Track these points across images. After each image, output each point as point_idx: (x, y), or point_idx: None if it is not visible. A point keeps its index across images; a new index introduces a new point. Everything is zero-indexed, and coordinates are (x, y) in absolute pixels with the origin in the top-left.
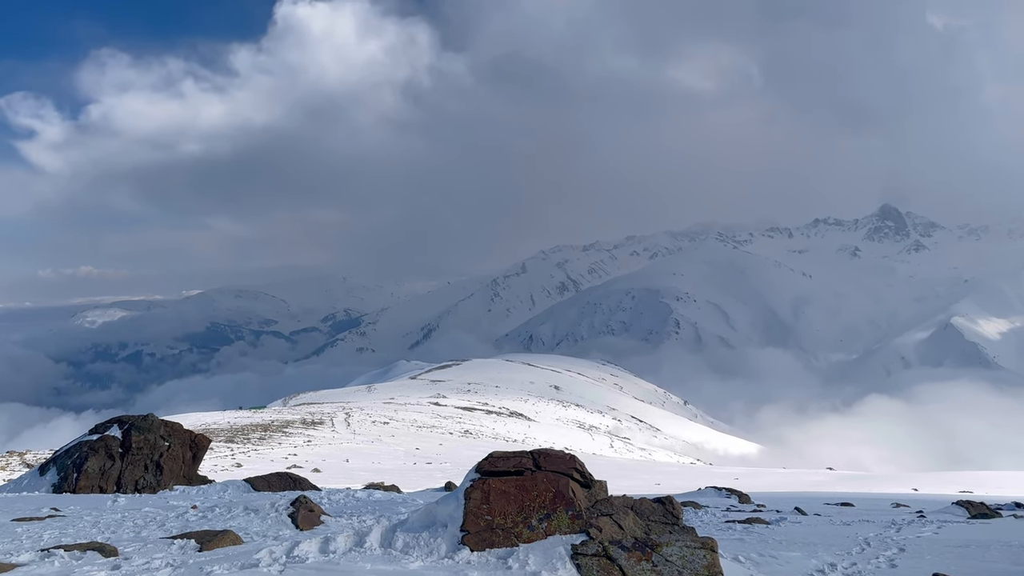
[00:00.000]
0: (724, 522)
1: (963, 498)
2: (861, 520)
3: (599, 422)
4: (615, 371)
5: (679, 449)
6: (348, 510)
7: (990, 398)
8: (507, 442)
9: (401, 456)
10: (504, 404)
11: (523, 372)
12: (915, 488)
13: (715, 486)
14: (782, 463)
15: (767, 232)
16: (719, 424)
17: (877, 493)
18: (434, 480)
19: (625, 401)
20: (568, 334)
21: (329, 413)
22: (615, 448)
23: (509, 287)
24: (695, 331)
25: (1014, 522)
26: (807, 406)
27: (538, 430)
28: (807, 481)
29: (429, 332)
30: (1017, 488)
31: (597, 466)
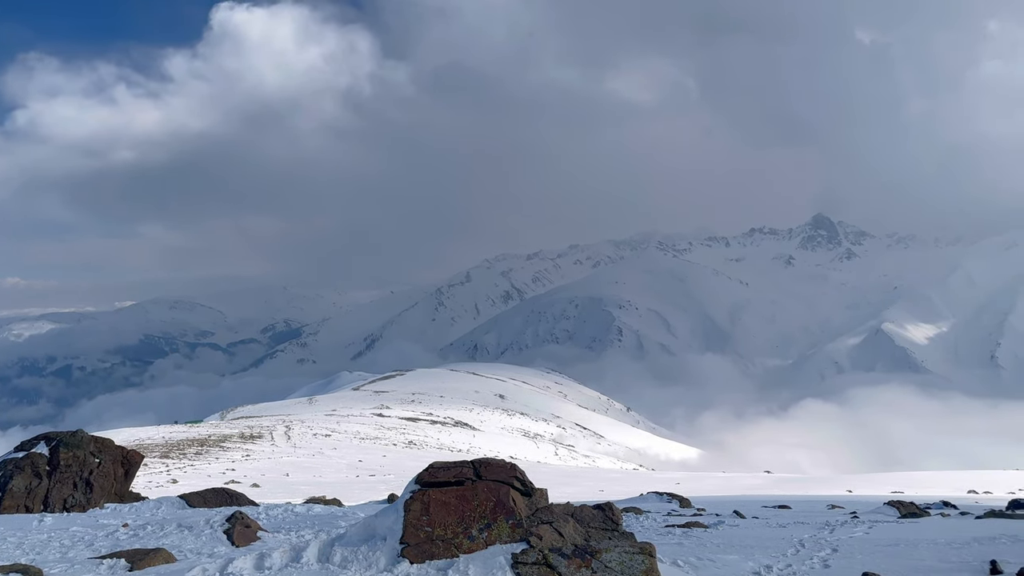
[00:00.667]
0: (664, 527)
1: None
2: (797, 522)
3: (544, 430)
4: (559, 379)
5: (622, 455)
6: (286, 525)
7: (919, 401)
8: (452, 452)
9: (343, 469)
10: (449, 414)
11: (468, 381)
12: (849, 490)
13: (656, 491)
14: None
15: (705, 241)
16: (661, 430)
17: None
18: (377, 492)
19: (569, 409)
20: (513, 343)
21: (268, 426)
22: (560, 456)
23: (453, 296)
24: (637, 338)
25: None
26: (745, 411)
27: (483, 439)
28: (746, 484)
29: (372, 342)
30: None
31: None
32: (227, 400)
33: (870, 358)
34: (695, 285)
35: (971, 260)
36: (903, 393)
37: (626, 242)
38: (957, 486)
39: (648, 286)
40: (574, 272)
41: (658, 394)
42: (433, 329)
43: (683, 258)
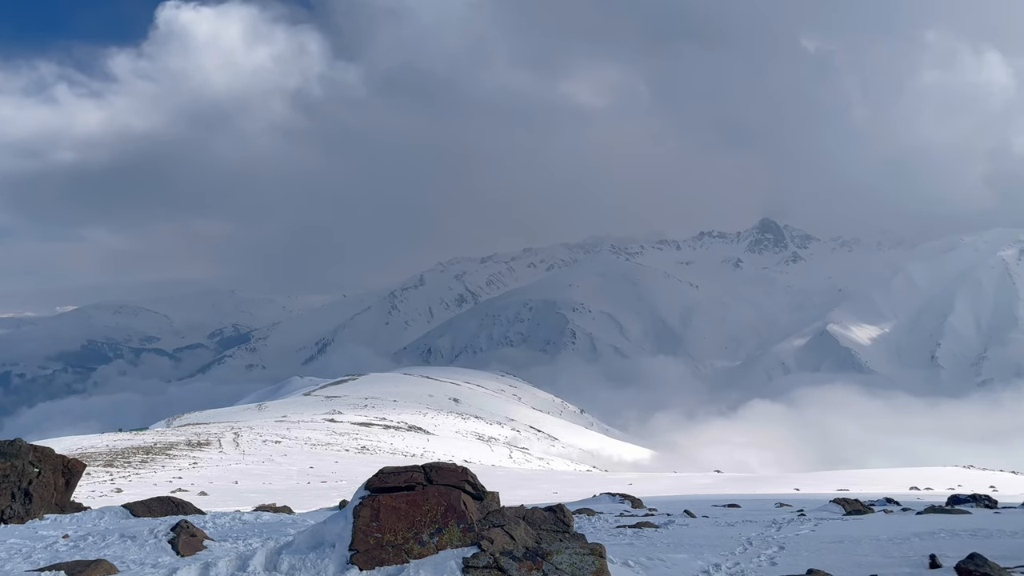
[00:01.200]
0: (616, 527)
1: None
2: (745, 520)
3: (498, 433)
4: (514, 382)
5: (576, 457)
6: (234, 534)
7: (863, 400)
8: (405, 457)
9: (294, 476)
10: (402, 418)
11: (422, 385)
12: (797, 488)
13: (609, 492)
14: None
15: (657, 244)
16: (614, 431)
17: (762, 494)
18: (329, 499)
19: (524, 412)
20: (467, 346)
21: (216, 433)
22: (514, 459)
23: (407, 299)
24: (591, 341)
25: (884, 517)
26: (696, 412)
27: (437, 443)
28: (697, 484)
29: (324, 347)
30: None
31: (496, 477)
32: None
33: (815, 359)
34: (647, 288)
35: (912, 263)
36: (847, 393)
37: (579, 245)
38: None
39: (601, 289)
40: (528, 275)
41: (611, 396)
42: (386, 333)
43: (635, 261)
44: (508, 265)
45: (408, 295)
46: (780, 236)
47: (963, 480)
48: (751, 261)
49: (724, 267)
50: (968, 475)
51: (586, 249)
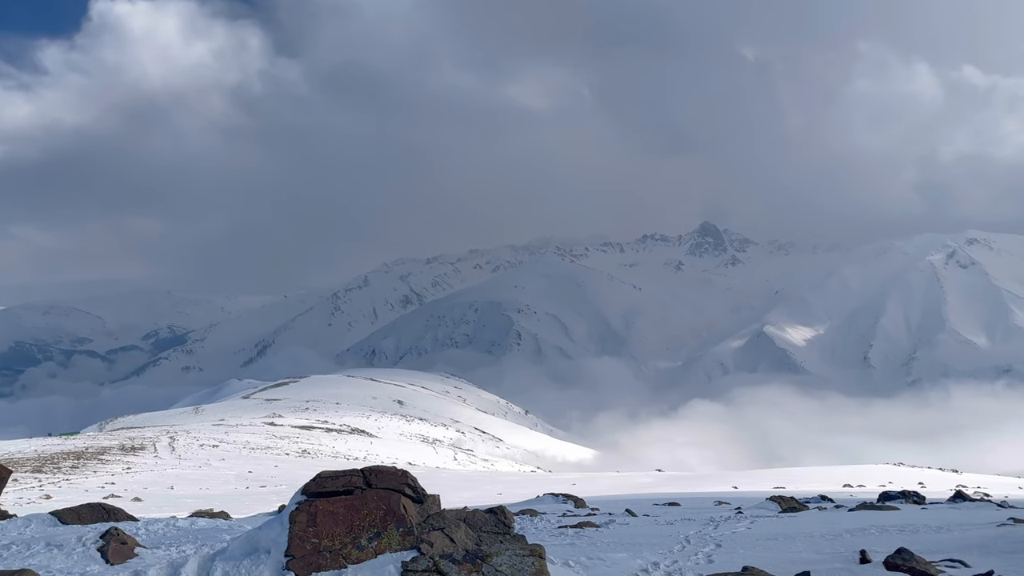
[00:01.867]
0: (557, 527)
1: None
2: (684, 519)
3: (443, 435)
4: (459, 383)
5: (520, 458)
6: (167, 540)
7: (798, 400)
8: (348, 460)
9: (232, 480)
10: (345, 421)
11: (365, 387)
12: (735, 486)
13: (553, 493)
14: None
15: (601, 247)
16: (558, 432)
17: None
18: (268, 504)
19: (468, 413)
20: (412, 347)
21: (151, 437)
22: (458, 460)
23: (350, 300)
24: (536, 342)
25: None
26: (638, 412)
27: (381, 446)
28: (638, 483)
29: (264, 349)
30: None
31: (440, 479)
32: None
33: (753, 359)
34: (591, 290)
35: (846, 266)
36: (783, 393)
37: (525, 247)
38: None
39: (546, 291)
40: (474, 276)
41: (556, 397)
42: (329, 334)
43: (580, 263)
44: (454, 266)
45: (352, 296)
46: (720, 240)
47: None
48: (692, 264)
49: (666, 269)
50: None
51: (531, 251)
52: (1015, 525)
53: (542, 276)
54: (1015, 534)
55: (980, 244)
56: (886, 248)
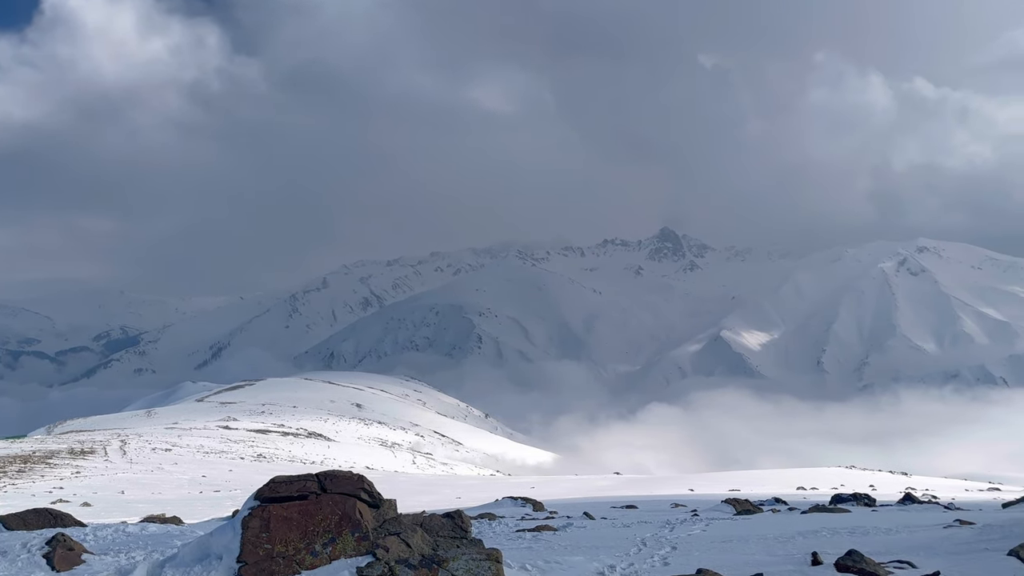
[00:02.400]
0: (515, 531)
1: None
2: (641, 521)
3: (402, 439)
4: (419, 387)
5: (480, 462)
6: (116, 547)
7: (753, 403)
8: (304, 464)
9: (185, 485)
10: (302, 425)
11: (323, 390)
12: (691, 488)
13: (512, 496)
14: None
15: (562, 251)
16: (517, 435)
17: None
18: (222, 509)
19: (428, 416)
20: (371, 350)
21: (102, 441)
22: (417, 464)
23: (309, 302)
24: (496, 346)
25: (771, 516)
26: (597, 415)
27: (338, 450)
28: (597, 486)
29: (219, 351)
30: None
31: (398, 483)
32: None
33: (710, 363)
34: (552, 293)
35: (800, 273)
36: (739, 396)
37: (487, 250)
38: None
39: (508, 294)
40: (435, 279)
41: (516, 400)
42: (286, 337)
43: (541, 267)
44: (415, 269)
45: (310, 298)
46: (679, 245)
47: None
48: (651, 269)
49: (626, 274)
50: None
51: (493, 254)
52: (960, 527)
53: (503, 279)
54: (960, 535)
55: (930, 252)
56: (839, 255)
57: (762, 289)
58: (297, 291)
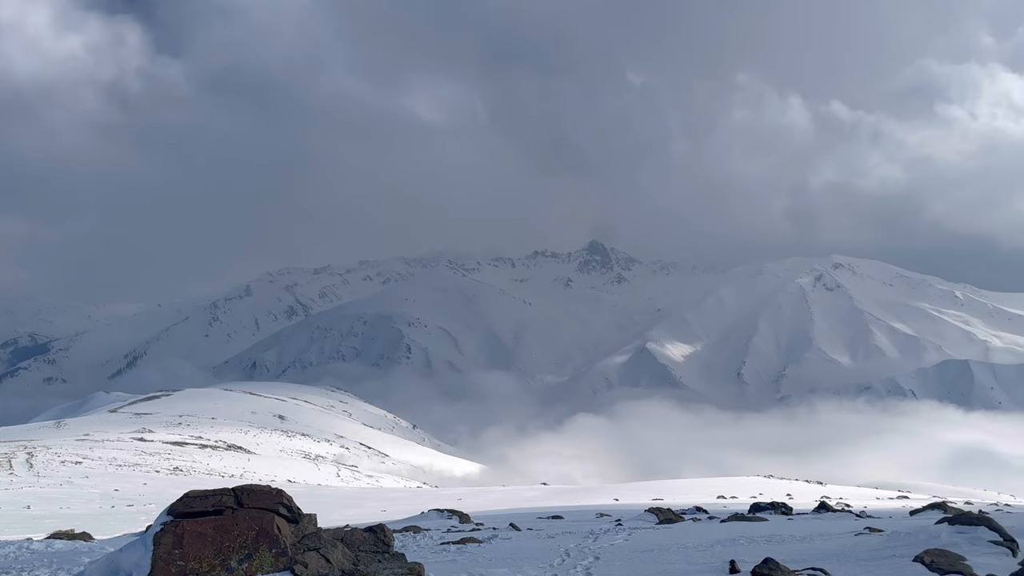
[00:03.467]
0: (440, 544)
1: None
2: (565, 532)
3: (326, 451)
4: (344, 398)
5: (406, 473)
6: (19, 565)
7: (676, 414)
8: (223, 478)
9: (96, 499)
10: (221, 437)
11: (244, 401)
12: (616, 498)
13: (438, 508)
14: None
15: (493, 262)
16: (445, 446)
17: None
18: (136, 524)
19: (354, 428)
20: (296, 360)
21: (7, 453)
22: (342, 477)
23: (230, 310)
24: (425, 356)
25: (692, 525)
26: (526, 425)
27: (259, 463)
28: (524, 497)
29: (135, 360)
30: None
31: (321, 497)
32: None
33: (636, 374)
34: (482, 304)
35: (722, 286)
36: (663, 407)
37: (417, 260)
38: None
39: (438, 304)
40: (363, 288)
41: (444, 411)
42: (206, 346)
43: (472, 277)
44: (343, 277)
45: (232, 306)
46: (607, 258)
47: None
48: (580, 281)
49: (556, 285)
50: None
51: (424, 263)
52: (870, 534)
53: (433, 289)
54: (870, 542)
55: (844, 268)
56: (759, 270)
57: (686, 302)
58: (218, 299)
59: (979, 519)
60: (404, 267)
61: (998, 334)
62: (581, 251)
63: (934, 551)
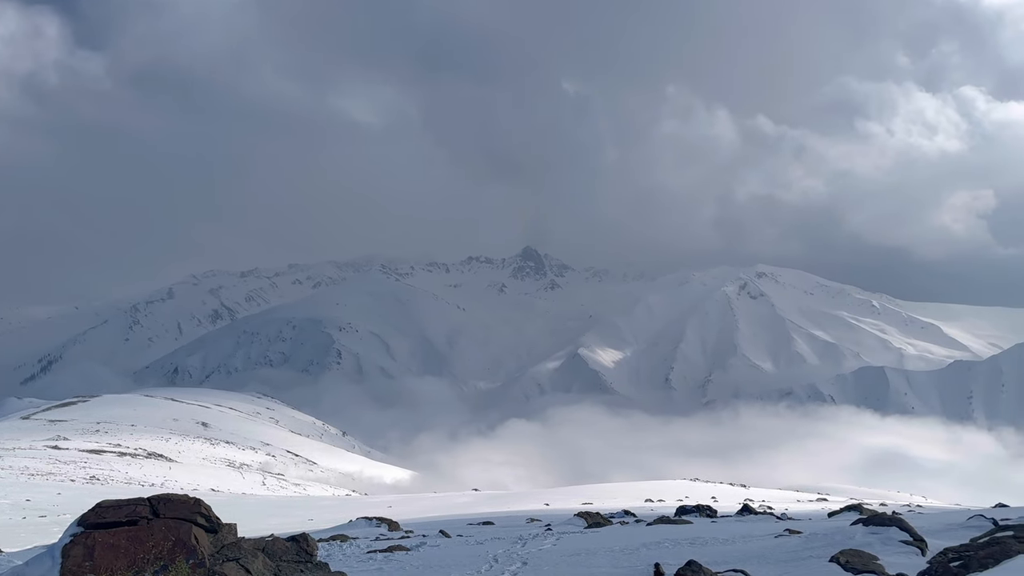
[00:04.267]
0: (367, 552)
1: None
2: (494, 538)
3: (251, 459)
4: (271, 404)
5: (335, 481)
6: None
7: (607, 419)
8: (143, 487)
9: (7, 510)
10: (141, 445)
11: (166, 408)
12: (547, 503)
13: (366, 516)
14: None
15: (427, 267)
16: (376, 453)
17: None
18: (49, 536)
19: (281, 435)
20: (221, 366)
21: None
22: (268, 486)
23: (152, 314)
24: (357, 361)
25: (620, 529)
26: (458, 432)
27: (181, 472)
28: (455, 503)
29: (49, 364)
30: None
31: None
32: None
33: (568, 380)
34: (416, 309)
35: (651, 294)
36: (594, 412)
37: (349, 264)
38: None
39: (370, 309)
40: (293, 292)
41: (376, 417)
42: (126, 350)
43: (405, 282)
44: (271, 281)
45: (154, 309)
46: (540, 264)
47: (690, 492)
48: (514, 287)
49: (489, 291)
50: (694, 487)
51: (356, 268)
52: (790, 536)
53: (366, 294)
54: (789, 544)
55: (768, 278)
56: (687, 278)
57: (617, 309)
58: (139, 301)
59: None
60: (335, 271)
61: (912, 342)
62: (515, 257)
63: (849, 551)
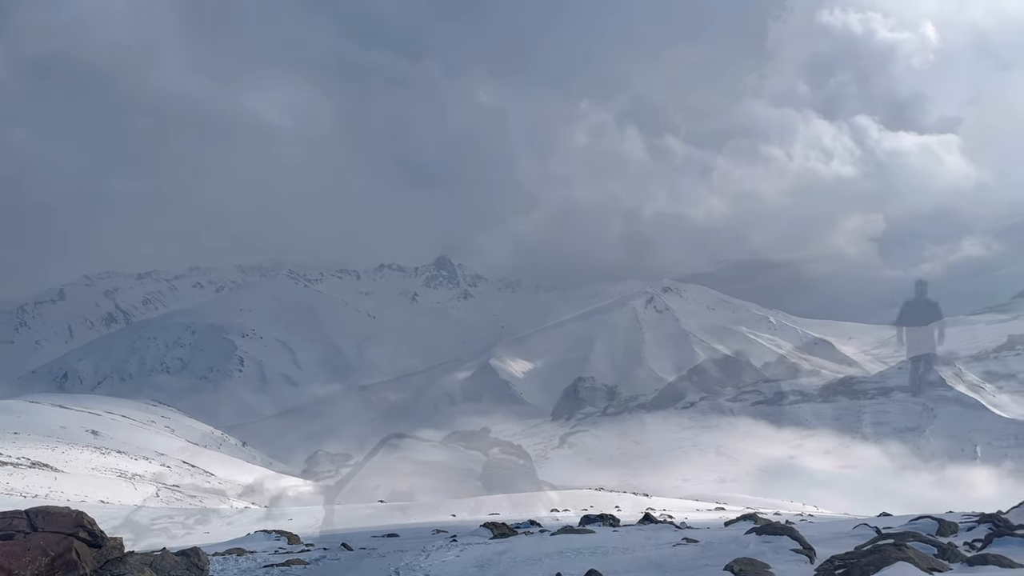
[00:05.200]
0: (263, 567)
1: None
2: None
3: (144, 469)
4: (167, 412)
5: (233, 493)
6: None
7: (517, 429)
8: (25, 498)
9: None
10: (24, 453)
11: (52, 415)
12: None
13: (265, 529)
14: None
15: (337, 273)
16: (278, 464)
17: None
18: None
19: (177, 445)
20: (114, 371)
21: None
22: (162, 497)
23: (40, 316)
24: (260, 369)
25: (525, 539)
26: (366, 442)
27: (67, 483)
28: (360, 515)
29: None
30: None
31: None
32: None
33: (479, 390)
34: (325, 316)
35: (562, 306)
36: (505, 422)
37: (255, 268)
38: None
39: (276, 315)
40: (193, 296)
41: (280, 427)
42: (11, 353)
43: (314, 288)
44: (170, 284)
45: (42, 310)
46: (454, 274)
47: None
48: (427, 295)
49: (402, 299)
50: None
51: (262, 272)
52: (687, 544)
53: (272, 299)
54: (686, 552)
55: (673, 292)
56: (597, 291)
57: (528, 320)
58: (26, 302)
59: (783, 529)
60: (240, 275)
61: (806, 357)
62: (428, 266)
63: (743, 560)
